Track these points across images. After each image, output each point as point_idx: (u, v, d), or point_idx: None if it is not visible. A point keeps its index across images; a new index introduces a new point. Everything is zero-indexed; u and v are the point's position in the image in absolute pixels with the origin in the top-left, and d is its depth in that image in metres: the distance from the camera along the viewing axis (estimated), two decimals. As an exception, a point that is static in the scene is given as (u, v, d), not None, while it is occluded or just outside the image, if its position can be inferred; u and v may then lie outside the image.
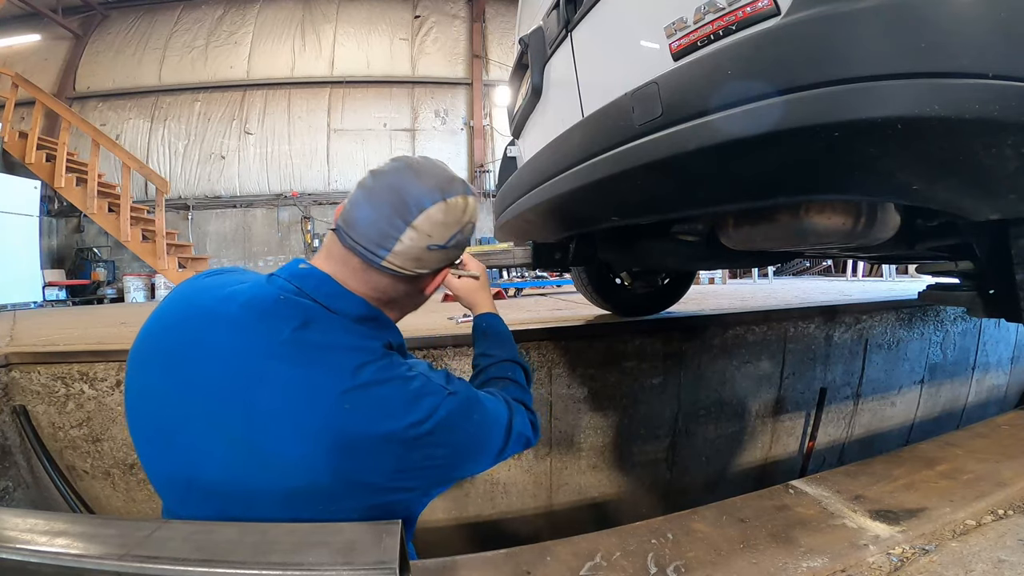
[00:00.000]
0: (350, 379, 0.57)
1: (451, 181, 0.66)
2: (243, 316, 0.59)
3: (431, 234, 0.62)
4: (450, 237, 0.65)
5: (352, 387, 0.57)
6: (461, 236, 0.67)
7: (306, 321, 0.60)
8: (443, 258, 0.67)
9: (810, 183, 0.74)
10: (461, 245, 0.68)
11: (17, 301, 5.28)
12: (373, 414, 0.57)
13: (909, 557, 0.53)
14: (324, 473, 0.55)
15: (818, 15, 0.58)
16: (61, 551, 0.41)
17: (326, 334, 0.60)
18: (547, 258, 1.74)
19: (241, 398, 0.56)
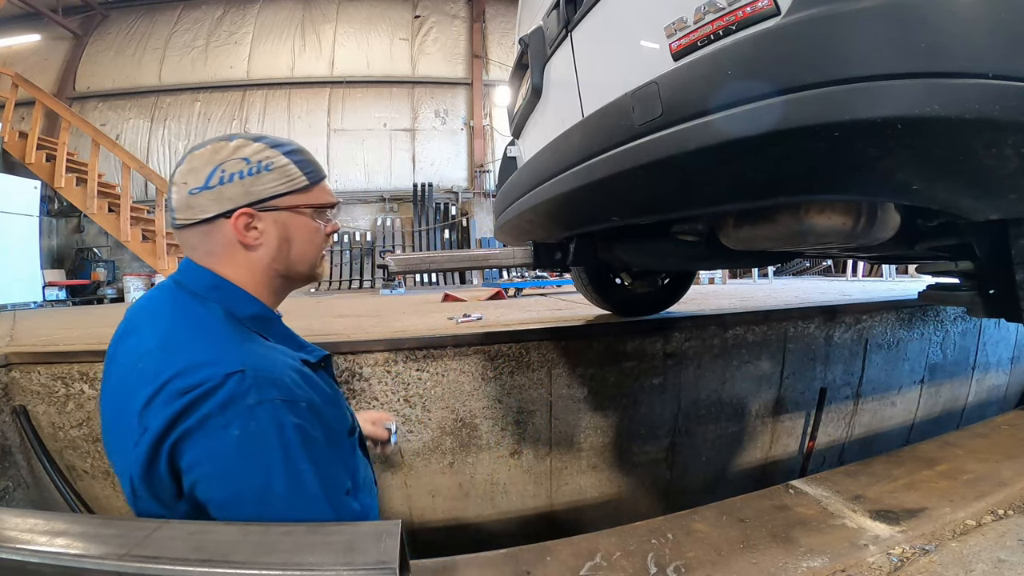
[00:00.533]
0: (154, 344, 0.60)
1: (210, 138, 0.70)
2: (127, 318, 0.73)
3: (186, 181, 0.66)
4: (207, 177, 0.65)
5: (152, 348, 0.59)
6: (223, 172, 0.66)
7: (151, 299, 0.71)
8: (219, 196, 0.66)
9: (810, 183, 0.74)
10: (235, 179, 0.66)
11: (17, 301, 5.28)
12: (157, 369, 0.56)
13: (909, 557, 0.53)
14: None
15: (818, 15, 0.58)
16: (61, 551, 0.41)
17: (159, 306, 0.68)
18: (547, 258, 1.74)
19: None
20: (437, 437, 1.97)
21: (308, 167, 0.73)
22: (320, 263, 0.77)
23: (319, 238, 0.75)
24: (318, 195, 0.73)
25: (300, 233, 0.72)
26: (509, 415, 2.03)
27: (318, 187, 0.74)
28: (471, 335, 2.00)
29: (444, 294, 4.68)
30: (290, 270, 0.73)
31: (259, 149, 0.69)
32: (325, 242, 0.77)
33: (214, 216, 0.66)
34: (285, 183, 0.70)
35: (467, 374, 1.98)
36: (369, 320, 2.72)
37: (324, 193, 0.75)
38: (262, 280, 0.71)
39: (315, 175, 0.74)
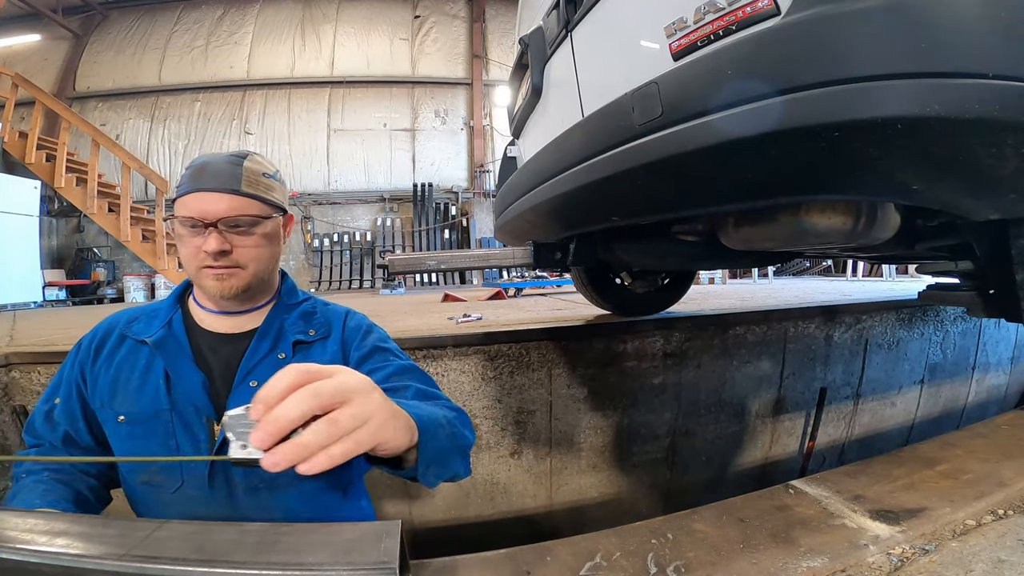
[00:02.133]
0: None
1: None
2: None
3: None
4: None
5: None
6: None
7: None
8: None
9: (810, 183, 0.74)
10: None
11: (17, 301, 5.28)
12: None
13: (909, 557, 0.53)
14: None
15: (818, 15, 0.58)
16: (61, 551, 0.41)
17: None
18: (547, 258, 1.74)
19: None
20: (437, 437, 1.97)
21: (183, 179, 0.79)
22: (198, 274, 0.79)
23: (186, 248, 0.78)
24: (178, 207, 0.78)
25: (177, 239, 0.80)
26: (509, 415, 2.03)
27: (181, 199, 0.77)
28: (471, 335, 2.00)
29: (444, 294, 4.68)
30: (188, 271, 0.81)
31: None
32: (196, 256, 0.77)
33: None
34: (175, 191, 0.80)
35: (467, 374, 1.98)
36: (369, 320, 2.71)
37: (181, 206, 0.77)
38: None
39: (181, 188, 0.78)
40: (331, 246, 8.08)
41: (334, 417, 0.41)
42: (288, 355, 0.83)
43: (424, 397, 0.77)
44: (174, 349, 0.80)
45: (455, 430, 0.68)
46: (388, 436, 0.46)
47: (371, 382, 0.47)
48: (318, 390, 0.41)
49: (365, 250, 8.20)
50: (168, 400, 0.77)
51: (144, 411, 0.77)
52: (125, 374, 0.79)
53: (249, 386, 0.78)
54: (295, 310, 0.88)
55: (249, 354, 0.81)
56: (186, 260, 0.79)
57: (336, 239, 8.11)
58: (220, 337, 0.83)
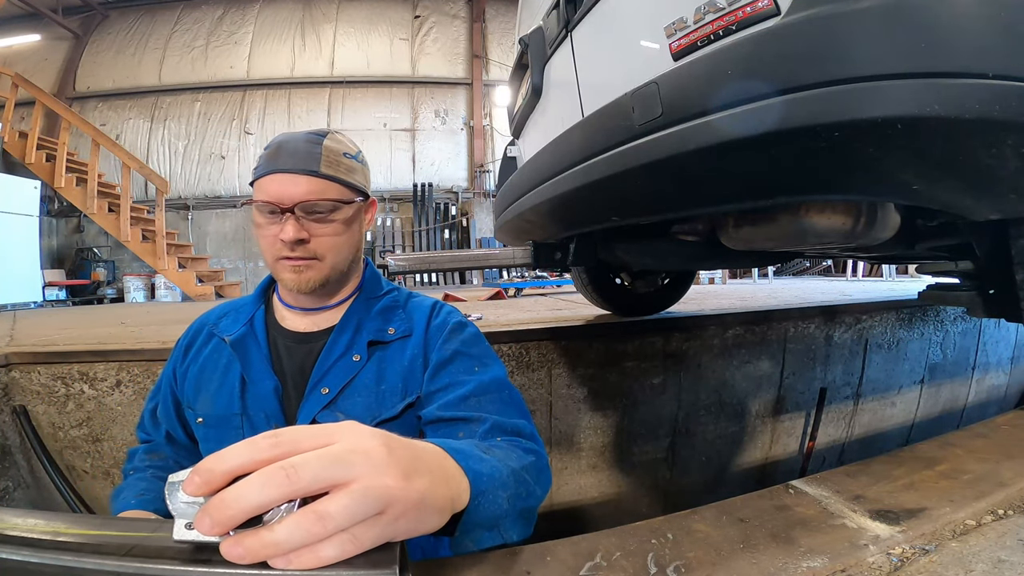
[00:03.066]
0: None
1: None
2: None
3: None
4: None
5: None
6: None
7: None
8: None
9: (810, 183, 0.74)
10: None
11: (17, 301, 5.28)
12: None
13: (909, 557, 0.53)
14: None
15: (818, 15, 0.58)
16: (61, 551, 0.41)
17: None
18: (547, 258, 1.74)
19: None
20: (437, 437, 1.97)
21: (260, 160, 0.73)
22: (275, 266, 0.73)
23: (264, 235, 0.72)
24: (256, 191, 0.72)
25: (255, 226, 0.74)
26: (509, 415, 2.03)
27: (258, 182, 0.72)
28: (471, 335, 2.00)
29: (444, 294, 4.68)
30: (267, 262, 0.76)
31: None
32: (273, 245, 0.71)
33: None
34: (253, 173, 0.74)
35: (467, 374, 1.98)
36: (369, 320, 2.71)
37: (258, 190, 0.71)
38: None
39: (258, 171, 0.72)
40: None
41: (323, 510, 0.28)
42: (363, 357, 0.75)
43: (502, 431, 0.65)
44: (252, 349, 0.75)
45: (522, 488, 0.53)
46: (409, 528, 0.34)
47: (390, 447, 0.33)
48: (296, 471, 0.28)
49: (365, 250, 8.18)
50: (241, 404, 0.73)
51: (219, 413, 0.74)
52: (208, 373, 0.76)
53: (321, 394, 0.72)
54: (376, 304, 0.81)
55: (323, 357, 0.73)
56: (264, 251, 0.73)
57: (336, 239, 8.09)
58: (297, 336, 0.77)
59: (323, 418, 0.71)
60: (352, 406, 0.72)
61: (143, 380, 1.76)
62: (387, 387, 0.74)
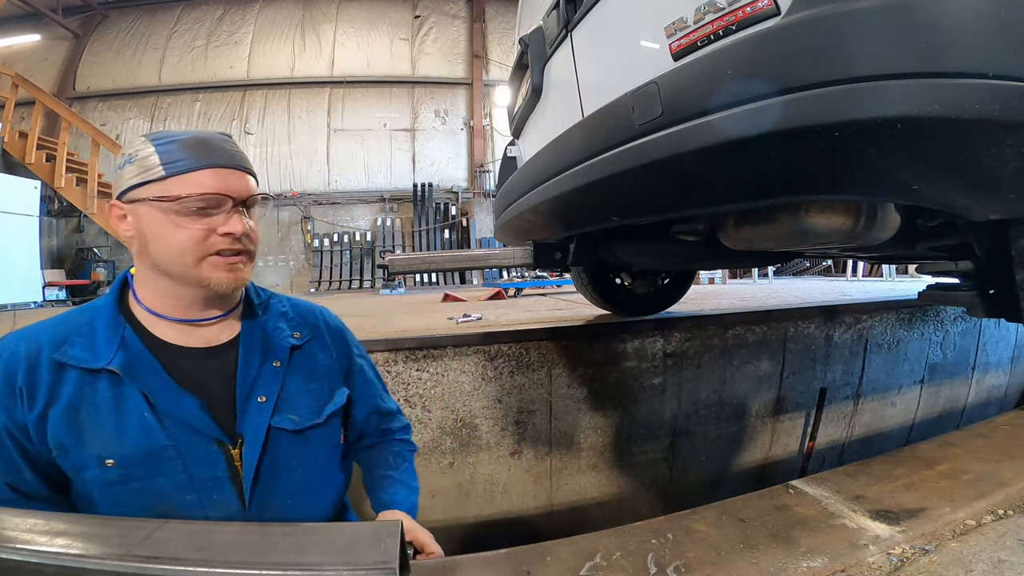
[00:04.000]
0: None
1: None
2: None
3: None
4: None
5: None
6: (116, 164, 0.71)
7: None
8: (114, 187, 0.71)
9: (810, 183, 0.74)
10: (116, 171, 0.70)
11: (17, 301, 5.28)
12: None
13: (909, 557, 0.53)
14: None
15: (818, 15, 0.58)
16: (61, 551, 0.41)
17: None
18: (547, 258, 1.74)
19: None
20: (437, 437, 1.97)
21: (174, 157, 0.65)
22: (198, 265, 0.67)
23: (180, 235, 0.65)
24: (172, 186, 0.64)
25: (152, 227, 0.66)
26: (509, 415, 2.03)
27: (178, 178, 0.65)
28: (471, 335, 2.00)
29: (444, 294, 4.69)
30: (159, 268, 0.68)
31: (137, 144, 0.68)
32: (202, 242, 0.66)
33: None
34: (139, 175, 0.65)
35: (467, 374, 1.98)
36: (369, 320, 2.72)
37: (182, 185, 0.64)
38: (146, 277, 0.71)
39: (179, 165, 0.65)
40: (331, 246, 8.08)
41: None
42: (284, 362, 0.75)
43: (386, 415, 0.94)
44: (147, 374, 0.67)
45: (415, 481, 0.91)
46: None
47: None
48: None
49: (365, 250, 8.20)
50: (163, 434, 0.65)
51: (136, 451, 0.65)
52: (88, 411, 0.65)
53: (259, 402, 0.71)
54: (269, 311, 0.79)
55: (243, 368, 0.72)
56: (182, 251, 0.66)
57: (336, 239, 8.11)
58: (198, 353, 0.71)
59: (279, 423, 0.72)
60: (298, 407, 0.76)
61: (143, 380, 1.76)
62: (315, 386, 0.79)
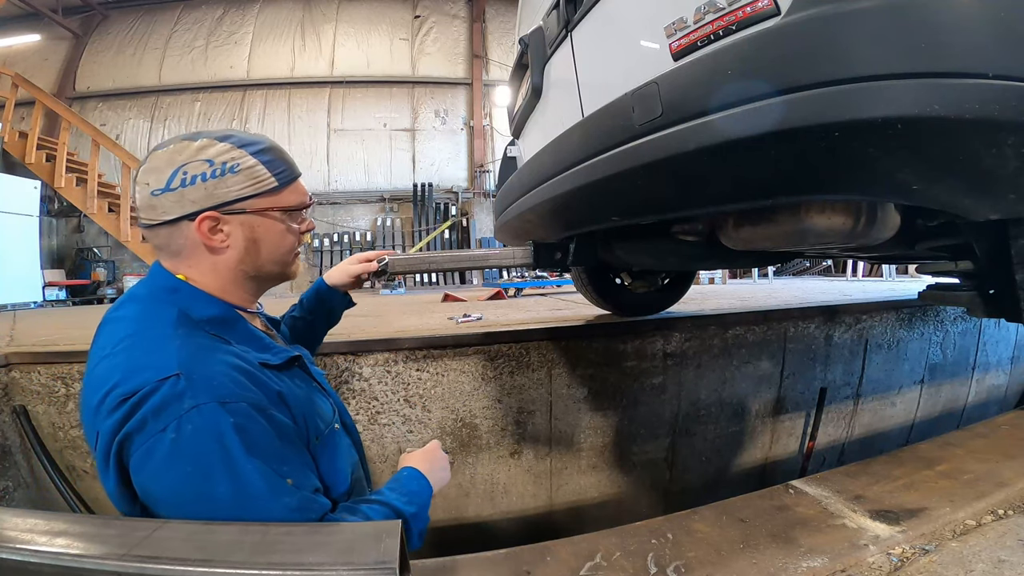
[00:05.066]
0: (111, 348, 0.61)
1: (175, 136, 0.68)
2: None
3: (147, 182, 0.65)
4: (168, 178, 0.64)
5: (108, 354, 0.60)
6: (185, 174, 0.64)
7: (122, 301, 0.69)
8: (182, 199, 0.65)
9: (810, 183, 0.74)
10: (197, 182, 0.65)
11: (17, 301, 5.28)
12: (103, 378, 0.58)
13: (909, 557, 0.53)
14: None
15: (818, 15, 0.58)
16: (61, 551, 0.41)
17: (127, 310, 0.66)
18: (547, 258, 1.74)
19: None
20: (437, 437, 1.97)
21: (278, 167, 0.71)
22: (293, 262, 0.77)
23: (290, 239, 0.74)
24: (288, 197, 0.72)
25: (269, 235, 0.71)
26: (509, 415, 2.03)
27: (289, 188, 0.72)
28: (471, 335, 2.00)
29: (444, 294, 4.68)
30: (260, 271, 0.73)
31: (224, 150, 0.66)
32: (299, 241, 0.76)
33: (177, 218, 0.65)
34: (252, 185, 0.68)
35: (467, 374, 1.98)
36: (369, 320, 2.72)
37: (295, 194, 0.73)
38: (229, 281, 0.71)
39: (286, 175, 0.72)
40: (331, 246, 8.08)
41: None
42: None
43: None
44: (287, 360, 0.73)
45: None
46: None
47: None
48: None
49: (365, 250, 8.18)
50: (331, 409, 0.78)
51: (329, 424, 0.74)
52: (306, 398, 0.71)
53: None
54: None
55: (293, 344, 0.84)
56: (281, 251, 0.73)
57: (336, 239, 8.11)
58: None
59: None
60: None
61: (143, 380, 1.76)
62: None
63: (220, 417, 0.56)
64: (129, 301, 0.68)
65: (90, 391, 0.59)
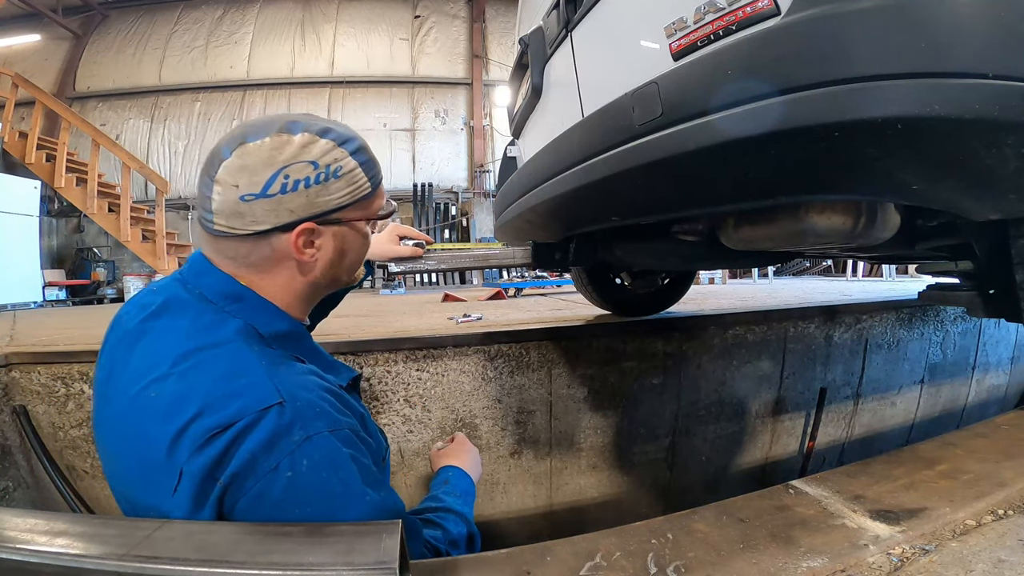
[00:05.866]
0: (168, 367, 0.51)
1: (262, 124, 0.56)
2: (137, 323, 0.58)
3: (236, 184, 0.54)
4: (267, 182, 0.54)
5: (164, 375, 0.50)
6: (286, 178, 0.55)
7: (157, 308, 0.56)
8: (277, 207, 0.55)
9: (810, 183, 0.74)
10: (300, 188, 0.56)
11: (17, 301, 5.28)
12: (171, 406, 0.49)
13: (909, 557, 0.53)
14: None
15: (818, 15, 0.58)
16: (61, 551, 0.41)
17: (171, 319, 0.55)
18: (547, 258, 1.74)
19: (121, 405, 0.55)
20: (437, 437, 1.97)
21: (372, 169, 0.63)
22: (356, 271, 0.70)
23: (367, 246, 0.67)
24: (378, 203, 0.66)
25: (354, 245, 0.64)
26: (509, 415, 2.03)
27: (377, 192, 0.65)
28: (471, 335, 2.00)
29: (444, 294, 4.68)
30: (335, 281, 0.66)
31: (327, 149, 0.57)
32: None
33: (269, 229, 0.56)
34: (351, 192, 0.60)
35: (467, 374, 1.98)
36: (369, 320, 2.72)
37: (381, 199, 0.67)
38: (302, 294, 0.63)
39: (377, 179, 0.64)
40: None
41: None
42: None
43: None
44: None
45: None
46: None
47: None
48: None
49: (365, 250, 8.18)
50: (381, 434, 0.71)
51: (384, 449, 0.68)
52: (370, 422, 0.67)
53: None
54: None
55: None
56: (361, 260, 0.67)
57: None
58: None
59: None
60: None
61: (143, 380, 1.76)
62: None
63: (335, 448, 0.51)
64: (172, 308, 0.57)
65: (148, 414, 0.50)
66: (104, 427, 0.57)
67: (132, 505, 0.54)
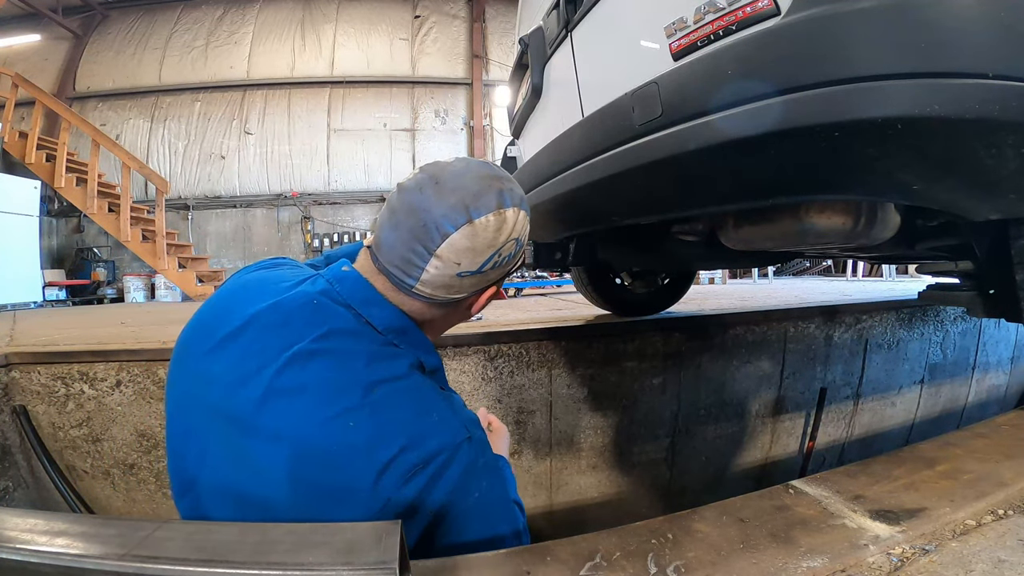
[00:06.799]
0: (360, 397, 0.53)
1: (479, 195, 0.56)
2: (270, 317, 0.57)
3: (459, 262, 0.56)
4: (484, 262, 0.57)
5: (358, 405, 0.52)
6: (499, 257, 0.58)
7: (330, 331, 0.56)
8: (482, 280, 0.60)
9: (810, 183, 0.74)
10: (504, 263, 0.60)
11: (17, 301, 5.28)
12: (373, 439, 0.52)
13: (909, 557, 0.53)
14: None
15: (818, 15, 0.58)
16: (61, 551, 0.41)
17: (348, 343, 0.56)
18: (547, 258, 1.74)
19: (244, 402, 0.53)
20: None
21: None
22: None
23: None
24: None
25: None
26: (509, 415, 2.03)
27: None
28: (471, 335, 2.00)
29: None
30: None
31: (525, 223, 0.60)
32: None
33: (466, 296, 0.61)
34: (518, 259, 0.64)
35: (467, 374, 1.98)
36: (369, 320, 2.71)
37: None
38: (444, 331, 0.69)
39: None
40: (331, 246, 8.08)
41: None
42: None
43: None
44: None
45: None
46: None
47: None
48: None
49: (366, 248, 8.19)
50: None
51: None
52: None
53: None
54: None
55: None
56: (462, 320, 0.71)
57: (336, 239, 8.10)
58: None
59: None
60: None
61: (143, 380, 1.76)
62: None
63: (504, 466, 0.64)
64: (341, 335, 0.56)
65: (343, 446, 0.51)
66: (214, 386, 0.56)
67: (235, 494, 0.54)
